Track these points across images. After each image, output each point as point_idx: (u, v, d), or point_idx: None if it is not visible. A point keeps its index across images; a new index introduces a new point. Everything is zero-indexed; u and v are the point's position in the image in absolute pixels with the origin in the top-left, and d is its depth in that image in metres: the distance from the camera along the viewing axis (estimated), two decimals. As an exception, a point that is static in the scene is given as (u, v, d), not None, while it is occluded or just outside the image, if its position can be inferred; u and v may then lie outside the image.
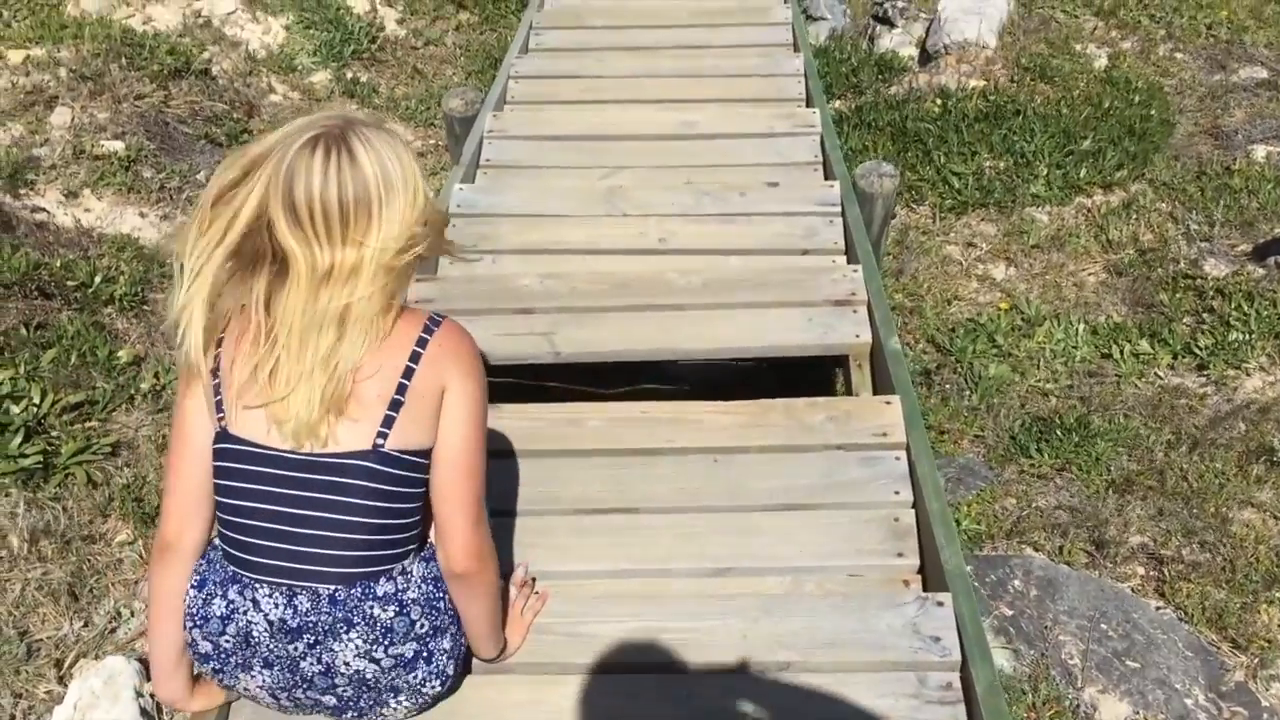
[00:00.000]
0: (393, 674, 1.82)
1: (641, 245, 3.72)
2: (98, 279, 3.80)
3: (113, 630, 2.98)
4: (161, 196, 4.55)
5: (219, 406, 1.73)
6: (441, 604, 1.86)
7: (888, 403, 2.82)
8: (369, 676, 1.80)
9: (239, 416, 1.71)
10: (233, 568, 1.79)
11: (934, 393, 4.01)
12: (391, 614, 1.78)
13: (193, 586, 1.83)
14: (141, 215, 4.46)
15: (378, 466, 1.72)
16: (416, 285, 3.40)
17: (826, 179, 4.11)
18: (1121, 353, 4.03)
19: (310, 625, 1.76)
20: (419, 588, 1.84)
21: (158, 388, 3.59)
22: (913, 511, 2.59)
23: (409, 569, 1.83)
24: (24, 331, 3.52)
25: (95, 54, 5.05)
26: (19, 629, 2.88)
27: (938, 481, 2.59)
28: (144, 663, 2.85)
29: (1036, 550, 3.26)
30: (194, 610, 1.81)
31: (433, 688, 1.90)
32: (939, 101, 5.42)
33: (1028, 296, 4.36)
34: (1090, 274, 4.49)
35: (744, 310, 3.32)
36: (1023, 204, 4.81)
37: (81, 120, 4.76)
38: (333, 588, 1.76)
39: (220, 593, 1.80)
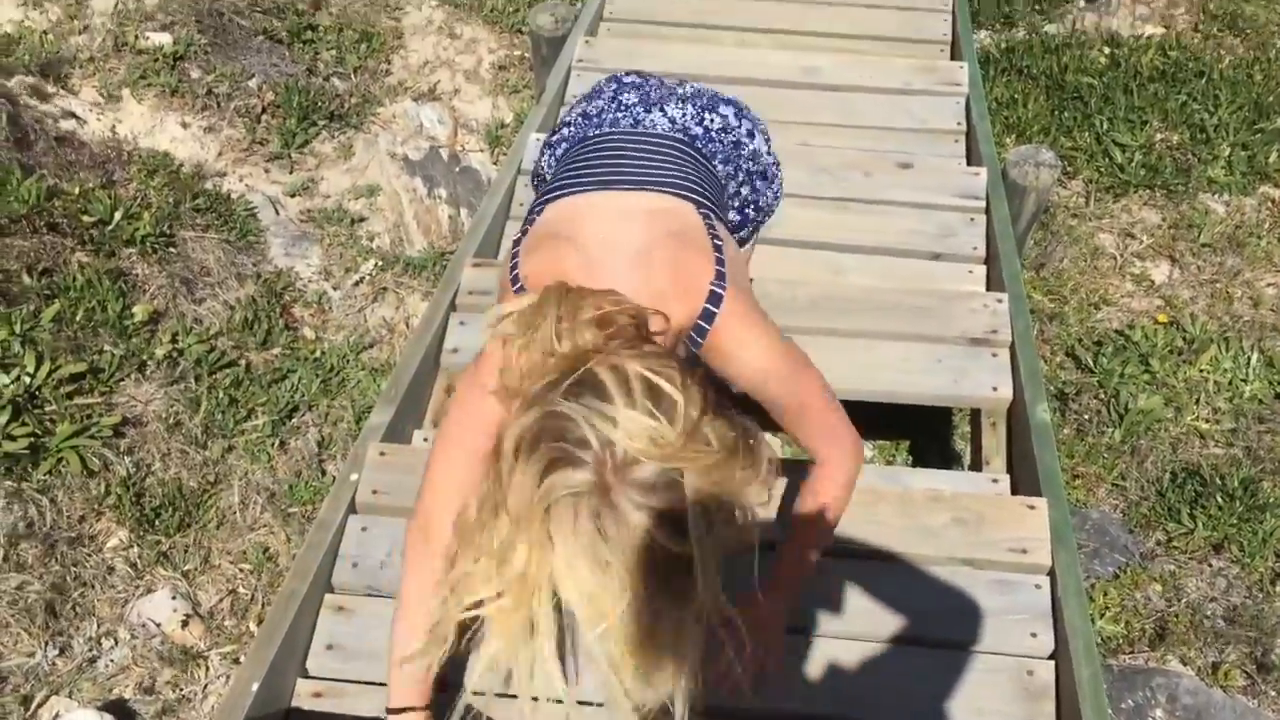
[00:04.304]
0: None
1: (742, 232, 3.14)
2: (118, 215, 3.32)
3: (93, 660, 2.58)
4: (208, 103, 4.04)
5: None
6: None
7: (1031, 507, 2.25)
8: None
9: None
10: None
11: (1069, 421, 3.41)
12: None
13: None
14: (184, 125, 3.96)
15: None
16: (470, 272, 2.88)
17: (970, 162, 3.45)
18: (1301, 396, 3.39)
19: None
20: None
21: (174, 353, 3.13)
22: (1052, 665, 2.06)
23: None
24: (26, 279, 3.07)
25: (149, -74, 4.49)
26: (-17, 655, 2.51)
27: (1090, 635, 2.04)
28: (118, 711, 2.46)
29: (1185, 664, 2.70)
30: None
31: None
32: (1106, 51, 4.64)
33: (1192, 311, 3.69)
34: (1270, 285, 3.79)
35: (859, 342, 2.75)
36: (1196, 189, 4.07)
37: (127, 6, 4.24)
38: None
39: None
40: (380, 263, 3.70)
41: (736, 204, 2.15)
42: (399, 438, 2.51)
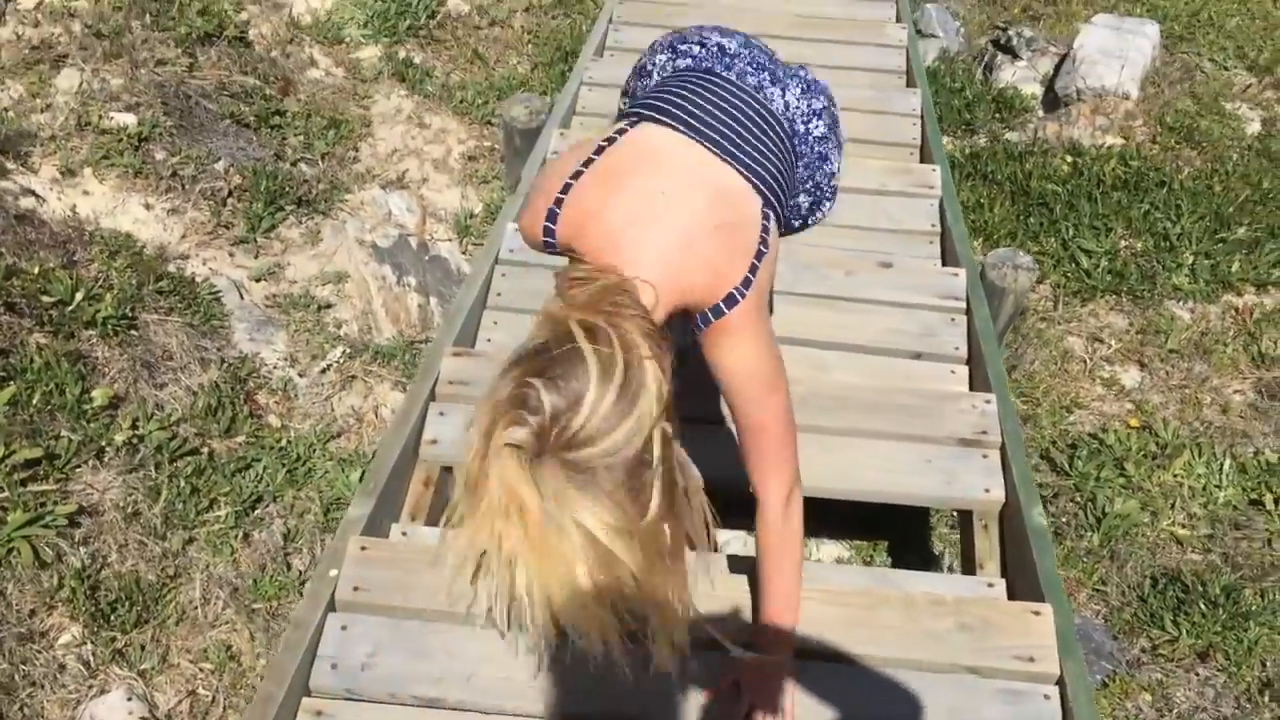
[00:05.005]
0: None
1: (725, 327, 3.10)
2: (79, 296, 3.21)
3: (37, 767, 2.41)
4: (172, 185, 3.94)
5: None
6: None
7: (1035, 613, 2.20)
8: None
9: None
10: None
11: (1047, 524, 3.37)
12: None
13: None
14: (146, 207, 3.86)
15: None
16: (449, 362, 2.80)
17: (945, 263, 3.47)
18: (1275, 502, 3.39)
19: None
20: None
21: (134, 439, 3.00)
22: (1065, 780, 1.99)
23: None
24: (-19, 360, 2.94)
25: (116, 7, 4.43)
26: (-82, 766, 2.33)
27: (1103, 748, 1.97)
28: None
29: (1179, 779, 2.64)
30: None
31: None
32: (1069, 160, 4.73)
33: (1163, 415, 3.70)
34: (1237, 393, 3.82)
35: (846, 440, 2.71)
36: (1162, 295, 4.13)
37: (91, 86, 4.15)
38: None
39: None
40: (348, 350, 3.60)
41: (792, 205, 2.16)
42: (377, 532, 2.41)
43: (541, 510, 1.20)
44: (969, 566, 2.61)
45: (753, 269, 1.66)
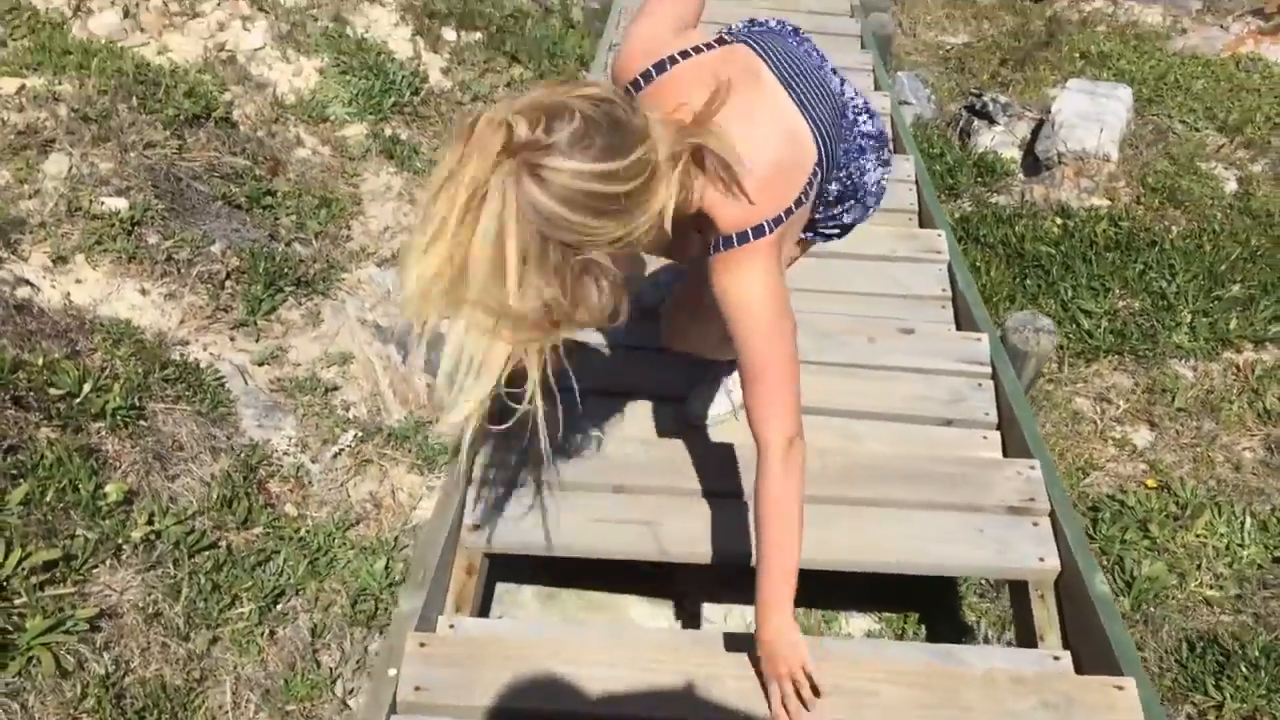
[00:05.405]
0: None
1: (755, 399, 3.06)
2: (86, 387, 3.10)
3: None
4: (168, 270, 3.85)
5: None
6: None
7: (1119, 687, 2.16)
8: None
9: None
10: None
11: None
12: None
13: None
14: (143, 292, 3.76)
15: None
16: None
17: (960, 326, 3.47)
18: (1300, 560, 3.39)
19: None
20: None
21: (151, 536, 2.88)
22: None
23: None
24: (-10, 457, 2.81)
25: (102, 90, 4.36)
26: None
27: (1206, 825, 1.93)
28: None
29: None
30: None
31: None
32: (1059, 221, 4.79)
33: (1179, 474, 3.71)
34: (1247, 450, 3.85)
35: (893, 511, 2.67)
36: (1164, 354, 4.16)
37: (80, 170, 4.06)
38: None
39: None
40: (360, 434, 3.51)
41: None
42: (426, 625, 2.33)
43: (457, 187, 1.32)
44: (1026, 638, 2.57)
45: (788, 211, 1.78)
